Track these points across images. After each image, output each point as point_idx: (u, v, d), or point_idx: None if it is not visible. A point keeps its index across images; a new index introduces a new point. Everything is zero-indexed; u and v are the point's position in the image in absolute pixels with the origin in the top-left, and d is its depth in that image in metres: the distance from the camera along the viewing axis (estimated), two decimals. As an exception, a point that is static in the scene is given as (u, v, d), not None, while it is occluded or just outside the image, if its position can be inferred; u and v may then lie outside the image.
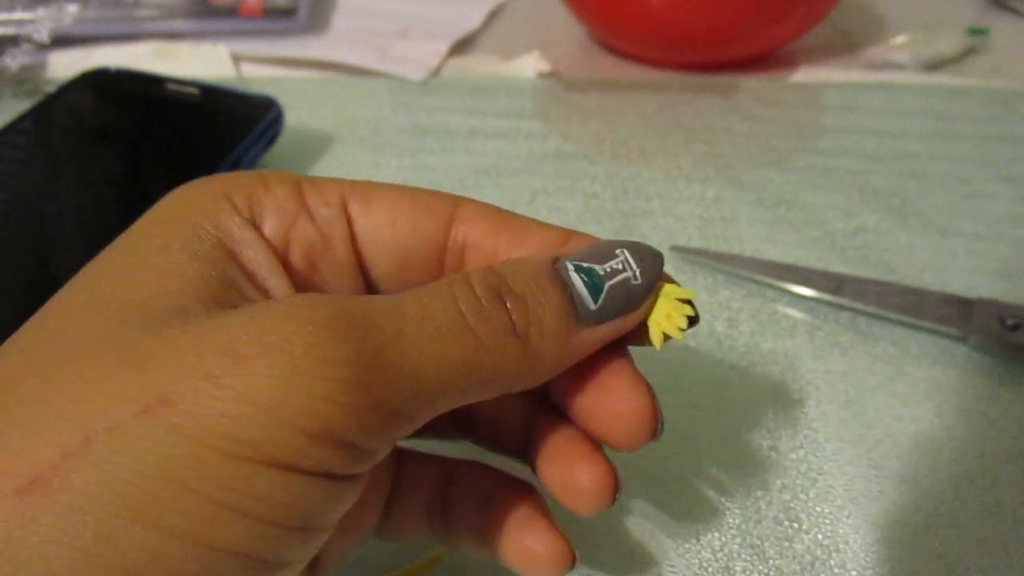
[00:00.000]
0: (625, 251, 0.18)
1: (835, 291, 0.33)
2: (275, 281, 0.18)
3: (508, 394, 0.18)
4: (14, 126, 0.37)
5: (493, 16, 0.55)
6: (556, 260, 0.18)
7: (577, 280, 0.18)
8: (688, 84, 0.48)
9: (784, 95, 0.47)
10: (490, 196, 0.38)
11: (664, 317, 0.19)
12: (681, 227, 0.37)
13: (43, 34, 0.47)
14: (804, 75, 0.49)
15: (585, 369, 0.19)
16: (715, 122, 0.44)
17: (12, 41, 0.47)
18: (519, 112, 0.45)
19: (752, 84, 0.48)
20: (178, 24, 0.50)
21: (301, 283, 0.19)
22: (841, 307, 0.33)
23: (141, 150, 0.37)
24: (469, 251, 0.20)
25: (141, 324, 0.15)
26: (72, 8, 0.49)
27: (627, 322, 0.18)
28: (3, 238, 0.32)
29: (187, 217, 0.18)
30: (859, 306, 0.32)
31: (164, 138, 0.37)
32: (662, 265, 0.19)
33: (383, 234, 0.19)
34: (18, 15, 0.48)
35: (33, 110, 0.38)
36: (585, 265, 0.18)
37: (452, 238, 0.20)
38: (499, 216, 0.20)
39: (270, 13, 0.50)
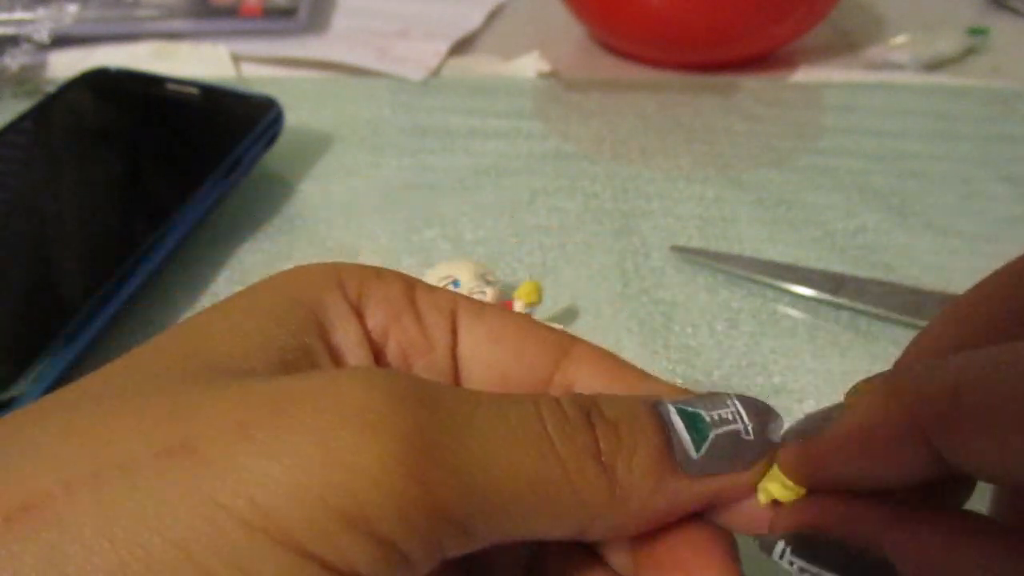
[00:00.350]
0: (736, 402, 0.16)
1: (835, 291, 0.33)
2: (350, 343, 0.17)
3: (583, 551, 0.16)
4: (14, 126, 0.37)
5: (493, 16, 0.55)
6: (657, 400, 0.16)
7: (678, 422, 0.16)
8: (688, 84, 0.48)
9: (784, 95, 0.47)
10: (490, 196, 0.39)
11: (772, 480, 0.16)
12: (681, 227, 0.37)
13: (43, 34, 0.47)
14: (804, 75, 0.49)
15: (663, 531, 0.16)
16: (715, 122, 0.44)
17: (12, 41, 0.47)
18: (519, 112, 0.45)
19: (752, 84, 0.48)
20: (178, 24, 0.50)
21: None
22: (841, 307, 0.33)
23: (141, 150, 0.37)
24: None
25: (195, 377, 0.14)
26: (72, 8, 0.49)
27: (732, 481, 0.16)
28: (3, 238, 0.32)
29: (288, 289, 0.17)
30: (859, 306, 0.32)
31: (164, 138, 0.37)
32: (780, 427, 0.16)
33: (486, 352, 0.18)
34: (18, 15, 0.48)
35: (33, 110, 0.38)
36: (689, 409, 0.16)
37: (560, 375, 0.18)
38: (614, 365, 0.18)
39: (270, 13, 0.50)
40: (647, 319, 0.32)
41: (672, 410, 0.16)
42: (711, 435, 0.15)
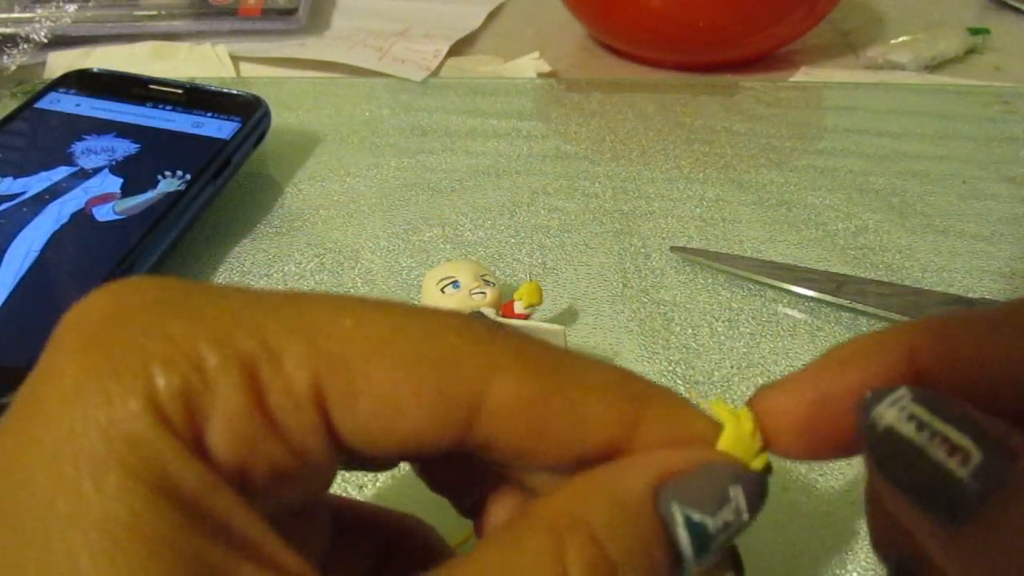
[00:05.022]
0: (739, 494, 0.15)
1: (836, 291, 0.32)
2: (262, 535, 0.13)
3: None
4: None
5: (493, 16, 0.54)
6: (660, 496, 0.14)
7: (685, 540, 0.14)
8: (688, 84, 0.48)
9: (784, 95, 0.47)
10: (490, 196, 0.38)
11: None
12: (681, 227, 0.37)
13: (41, 34, 0.47)
14: (804, 75, 0.49)
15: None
16: (715, 122, 0.44)
17: (11, 41, 0.47)
18: (519, 112, 0.45)
19: (752, 84, 0.48)
20: (177, 24, 0.50)
21: (269, 503, 0.14)
22: (842, 307, 0.33)
23: (127, 151, 0.37)
24: (493, 448, 0.14)
25: None
26: (71, 8, 0.49)
27: None
28: None
29: (105, 451, 0.12)
30: (860, 306, 0.32)
31: (150, 139, 0.37)
32: (767, 492, 0.16)
33: (377, 440, 0.14)
34: (16, 15, 0.48)
35: (12, 114, 0.37)
36: (696, 518, 0.14)
37: (475, 432, 0.14)
38: (541, 405, 0.14)
39: (269, 13, 0.50)
40: (647, 319, 0.32)
41: (678, 519, 0.14)
42: (713, 545, 0.15)
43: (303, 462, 0.13)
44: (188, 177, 0.35)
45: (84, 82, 0.40)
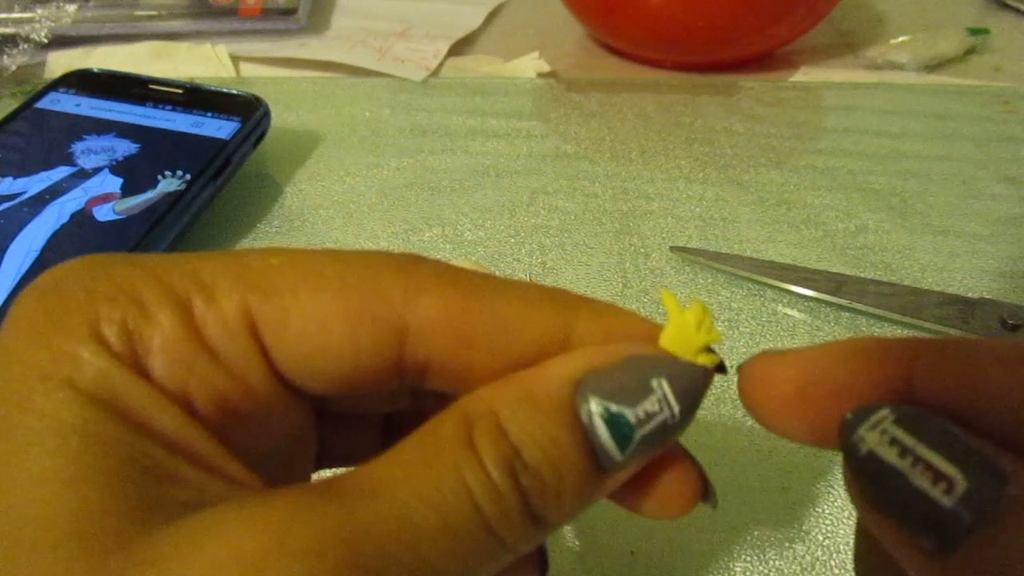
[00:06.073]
0: (663, 383, 0.15)
1: (835, 291, 0.32)
2: (205, 445, 0.14)
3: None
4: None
5: (493, 16, 0.55)
6: (576, 390, 0.14)
7: (602, 430, 0.14)
8: (688, 84, 0.48)
9: (784, 95, 0.47)
10: (490, 196, 0.38)
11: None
12: (681, 227, 0.37)
13: (41, 34, 0.47)
14: (804, 75, 0.49)
15: None
16: (715, 122, 0.44)
17: (11, 41, 0.47)
18: (519, 112, 0.45)
19: (752, 84, 0.48)
20: (177, 24, 0.50)
21: (218, 432, 0.14)
22: (841, 307, 0.33)
23: (127, 151, 0.37)
24: (433, 372, 0.15)
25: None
26: (71, 8, 0.49)
27: (653, 457, 0.15)
28: None
29: (53, 371, 0.13)
30: (859, 306, 0.32)
31: (150, 139, 0.37)
32: (707, 386, 0.15)
33: (313, 365, 0.15)
34: (16, 15, 0.48)
35: (13, 113, 0.37)
36: (614, 409, 0.14)
37: (409, 355, 0.15)
38: (467, 318, 0.15)
39: (269, 13, 0.50)
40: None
41: (594, 411, 0.14)
42: (636, 436, 0.14)
43: (247, 390, 0.14)
44: (188, 177, 0.35)
45: (84, 82, 0.40)
